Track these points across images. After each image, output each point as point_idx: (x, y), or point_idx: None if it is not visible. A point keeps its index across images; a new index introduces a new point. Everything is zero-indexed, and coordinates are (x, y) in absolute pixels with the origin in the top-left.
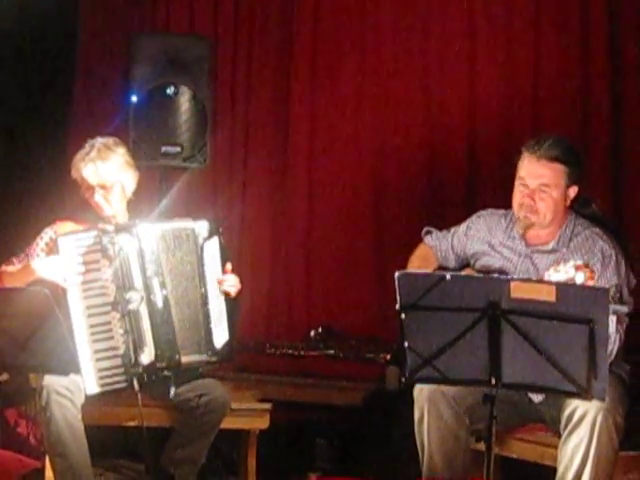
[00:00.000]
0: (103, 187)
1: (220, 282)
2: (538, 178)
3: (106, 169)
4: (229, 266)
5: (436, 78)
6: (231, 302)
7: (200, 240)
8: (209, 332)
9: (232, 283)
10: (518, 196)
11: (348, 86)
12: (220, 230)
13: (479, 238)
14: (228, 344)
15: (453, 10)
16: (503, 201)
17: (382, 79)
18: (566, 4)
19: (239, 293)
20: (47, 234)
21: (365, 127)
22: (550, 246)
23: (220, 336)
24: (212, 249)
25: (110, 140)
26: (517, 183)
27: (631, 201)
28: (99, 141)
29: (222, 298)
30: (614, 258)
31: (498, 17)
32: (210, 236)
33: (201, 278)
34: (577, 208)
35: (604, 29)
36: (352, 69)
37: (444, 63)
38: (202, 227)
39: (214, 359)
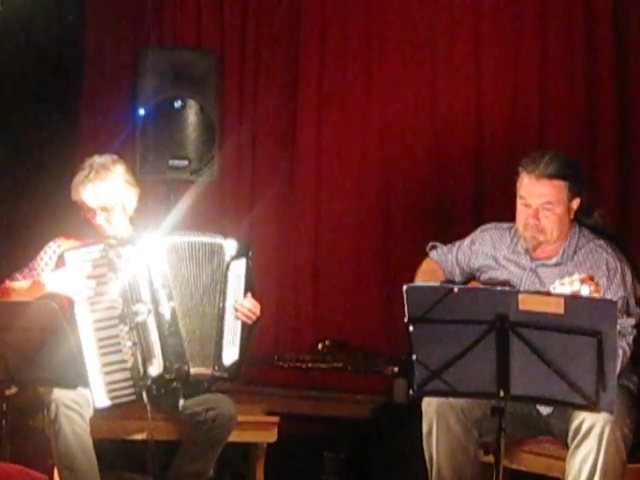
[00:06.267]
0: (104, 209)
1: (237, 304)
2: (540, 197)
3: (105, 191)
4: (249, 295)
5: (443, 95)
6: (248, 326)
7: (227, 257)
8: (219, 348)
9: (249, 307)
10: (522, 216)
11: (355, 100)
12: (250, 254)
13: (483, 252)
14: (237, 364)
15: (460, 27)
16: (509, 214)
17: (389, 94)
18: (573, 22)
19: (257, 320)
20: (51, 248)
21: (372, 141)
22: (554, 260)
23: (230, 355)
24: (238, 269)
25: (108, 159)
26: (519, 203)
27: (637, 213)
28: (97, 161)
29: (240, 320)
30: (619, 271)
31: (505, 34)
32: (238, 256)
33: (221, 294)
34: (580, 217)
35: (611, 47)
36: (359, 84)
37: (451, 80)
38: (231, 246)
39: (221, 375)
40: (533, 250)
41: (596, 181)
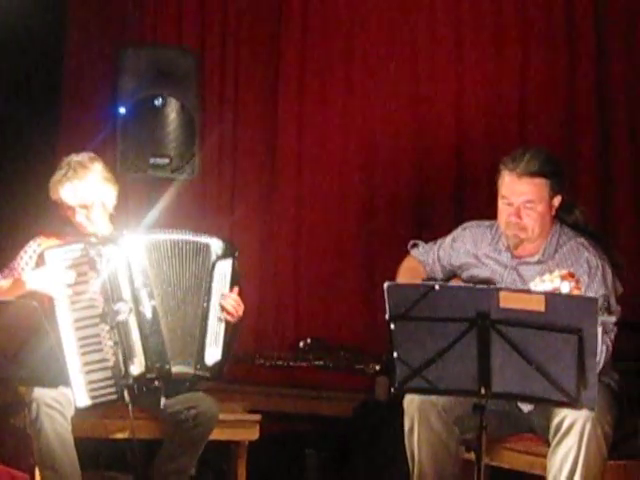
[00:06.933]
0: (84, 207)
1: (223, 297)
2: (521, 195)
3: (84, 188)
4: (236, 289)
5: (423, 89)
6: (231, 327)
7: (213, 257)
8: (202, 347)
9: (233, 303)
10: (504, 215)
11: (336, 97)
12: (236, 254)
13: (465, 250)
14: (219, 364)
15: (441, 20)
16: (490, 211)
17: (370, 90)
18: (553, 15)
19: (240, 321)
20: (31, 247)
21: (353, 137)
22: (536, 258)
23: (213, 355)
24: (224, 269)
25: (85, 157)
26: (501, 201)
27: (618, 209)
28: (74, 159)
29: (223, 320)
30: (600, 269)
31: (485, 27)
32: (224, 256)
33: (206, 293)
34: (561, 215)
35: (591, 39)
36: (340, 80)
37: (431, 73)
38: (218, 245)
39: (203, 374)
40: (515, 248)
41: (576, 176)
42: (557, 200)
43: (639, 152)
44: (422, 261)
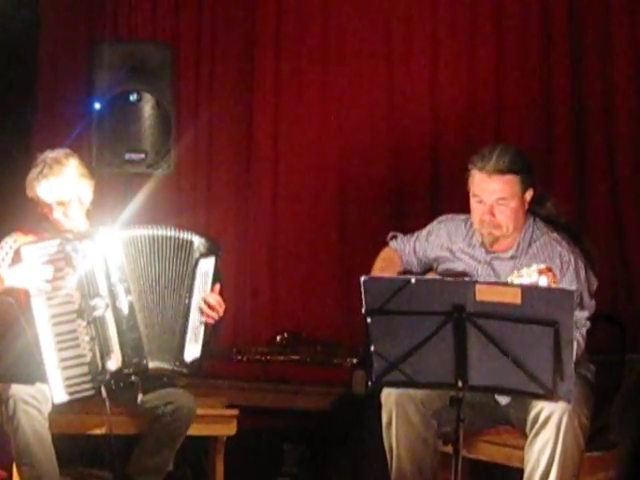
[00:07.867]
0: (61, 204)
1: (205, 296)
2: (493, 193)
3: (61, 185)
4: (217, 287)
5: (399, 84)
6: (212, 325)
7: (196, 254)
8: (182, 344)
9: (215, 302)
10: (477, 214)
11: (311, 92)
12: (219, 253)
13: (439, 244)
14: (197, 361)
15: (416, 16)
16: (466, 205)
17: (345, 85)
18: (529, 12)
19: (220, 320)
20: (7, 244)
21: (328, 132)
22: (509, 253)
23: (192, 352)
24: (207, 267)
25: (61, 153)
26: (473, 200)
27: (593, 204)
28: (50, 156)
29: (204, 318)
30: (573, 264)
31: (461, 24)
32: (208, 254)
33: (188, 290)
34: (534, 208)
35: (566, 36)
36: (315, 75)
37: (407, 69)
38: (201, 243)
39: (181, 370)
40: (490, 246)
41: (552, 172)
42: (529, 194)
43: (614, 148)
44: (399, 252)
